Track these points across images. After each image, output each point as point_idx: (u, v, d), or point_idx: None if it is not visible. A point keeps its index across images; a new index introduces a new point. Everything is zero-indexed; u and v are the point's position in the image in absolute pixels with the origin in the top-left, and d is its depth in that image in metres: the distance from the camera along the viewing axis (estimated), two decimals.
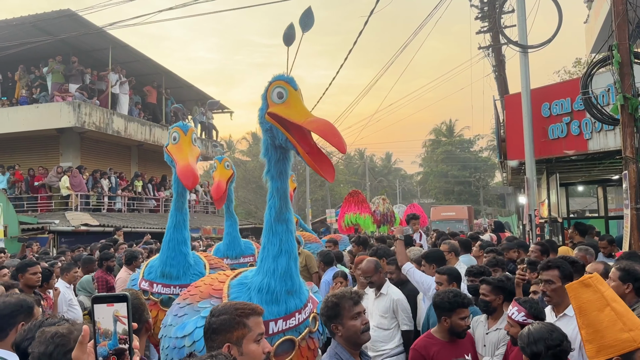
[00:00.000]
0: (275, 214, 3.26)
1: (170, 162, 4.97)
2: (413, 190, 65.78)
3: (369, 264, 4.91)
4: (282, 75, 3.22)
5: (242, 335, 2.17)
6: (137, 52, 19.80)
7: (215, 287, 3.36)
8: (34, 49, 16.65)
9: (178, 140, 4.83)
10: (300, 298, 3.30)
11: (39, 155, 18.54)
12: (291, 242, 3.27)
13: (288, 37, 3.26)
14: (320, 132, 2.98)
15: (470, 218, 33.51)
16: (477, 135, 55.22)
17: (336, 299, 2.78)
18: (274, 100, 3.17)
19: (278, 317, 3.14)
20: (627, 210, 5.99)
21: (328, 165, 3.16)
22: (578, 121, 8.78)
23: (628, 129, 5.95)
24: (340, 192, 47.82)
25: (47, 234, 14.18)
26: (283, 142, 3.17)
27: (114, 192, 18.37)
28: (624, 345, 2.17)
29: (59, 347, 1.80)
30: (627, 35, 6.05)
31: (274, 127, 3.17)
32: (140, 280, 4.93)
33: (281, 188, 3.28)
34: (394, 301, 4.68)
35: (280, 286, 3.16)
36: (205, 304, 3.23)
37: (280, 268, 3.17)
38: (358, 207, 15.20)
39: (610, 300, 2.30)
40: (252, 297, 3.16)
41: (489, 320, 4.09)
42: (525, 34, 9.68)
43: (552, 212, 11.40)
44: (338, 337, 2.76)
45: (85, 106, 17.23)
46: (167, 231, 4.91)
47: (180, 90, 23.74)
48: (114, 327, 1.30)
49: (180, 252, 4.86)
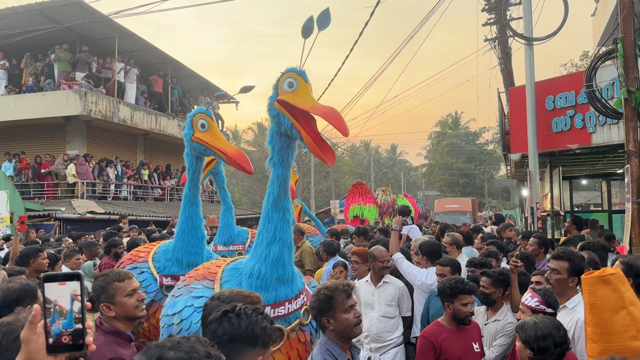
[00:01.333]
0: (273, 200, 3.32)
1: (203, 151, 4.61)
2: (418, 182, 65.72)
3: (381, 250, 4.93)
4: (295, 68, 3.34)
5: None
6: (143, 40, 19.81)
7: (211, 271, 3.44)
8: (40, 37, 16.69)
9: (208, 127, 4.50)
10: (292, 288, 3.32)
11: (46, 143, 18.64)
12: (286, 230, 3.31)
13: (307, 29, 3.34)
14: (325, 116, 3.09)
15: (474, 211, 33.46)
16: (482, 127, 55.00)
17: (329, 292, 2.69)
18: (284, 89, 3.28)
19: (266, 303, 3.17)
20: (628, 204, 6.00)
21: (329, 151, 3.26)
22: (582, 115, 8.75)
23: (631, 122, 5.94)
24: (345, 183, 47.85)
25: (53, 221, 14.31)
26: (288, 129, 3.26)
27: (119, 181, 18.49)
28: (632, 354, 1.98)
29: (7, 335, 1.77)
30: (633, 29, 6.02)
31: (281, 113, 3.27)
32: (161, 279, 4.72)
33: (282, 175, 3.34)
34: (400, 288, 4.73)
35: (270, 273, 3.20)
36: (198, 285, 3.32)
37: (273, 255, 3.22)
38: (362, 197, 15.27)
39: (629, 303, 2.10)
40: (242, 282, 3.22)
41: (488, 312, 4.15)
42: (531, 27, 9.64)
43: (555, 205, 11.41)
44: (329, 332, 2.68)
45: (91, 94, 17.30)
46: (188, 220, 4.77)
47: (187, 80, 23.77)
48: (71, 306, 1.28)
49: (202, 237, 4.88)
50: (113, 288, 2.73)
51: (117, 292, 2.72)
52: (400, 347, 4.68)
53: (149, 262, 4.89)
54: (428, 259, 5.05)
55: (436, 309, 4.58)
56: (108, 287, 2.74)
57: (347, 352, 2.70)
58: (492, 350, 3.99)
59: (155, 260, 4.91)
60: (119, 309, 2.71)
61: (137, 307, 2.76)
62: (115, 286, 2.73)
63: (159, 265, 4.83)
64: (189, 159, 4.81)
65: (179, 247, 4.81)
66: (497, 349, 3.95)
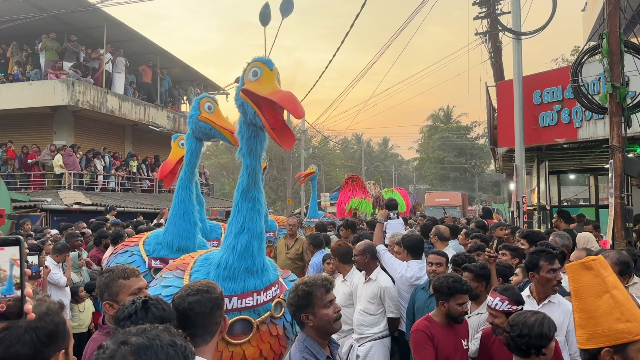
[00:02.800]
0: (242, 191, 3.31)
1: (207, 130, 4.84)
2: (409, 176, 65.91)
3: (361, 244, 4.95)
4: (261, 57, 3.31)
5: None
6: (132, 30, 19.60)
7: (185, 262, 3.46)
8: (27, 26, 16.47)
9: (214, 109, 4.84)
10: (262, 279, 3.30)
11: (33, 133, 18.45)
12: (256, 220, 3.28)
13: (264, 16, 3.34)
14: (280, 100, 3.09)
15: (464, 204, 33.70)
16: (474, 122, 55.26)
17: (308, 287, 2.58)
18: (249, 79, 3.27)
19: (233, 294, 3.16)
20: (611, 199, 6.03)
21: (289, 137, 3.26)
22: (568, 109, 8.79)
23: (615, 118, 5.96)
24: (335, 176, 47.85)
25: (39, 212, 14.18)
26: (252, 117, 3.25)
27: (107, 172, 18.36)
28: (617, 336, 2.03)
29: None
30: (618, 24, 6.03)
31: (245, 102, 3.27)
32: (149, 261, 4.85)
33: (250, 165, 3.33)
34: (382, 288, 4.71)
35: (238, 263, 3.19)
36: (168, 275, 3.34)
37: (240, 245, 3.20)
38: (362, 191, 15.24)
39: (611, 287, 2.15)
40: (210, 272, 3.22)
41: (471, 305, 4.17)
42: (519, 21, 9.64)
43: (542, 199, 11.48)
44: (308, 328, 2.58)
45: (79, 84, 17.12)
46: (181, 204, 4.87)
47: (176, 71, 23.58)
48: (10, 271, 1.24)
49: (194, 223, 4.92)
50: (117, 285, 2.56)
51: (120, 290, 2.55)
52: (376, 342, 4.68)
53: (139, 246, 5.01)
54: (409, 252, 5.07)
55: (421, 302, 4.59)
56: (112, 284, 2.57)
57: (325, 348, 2.62)
58: (474, 343, 4.01)
59: (146, 244, 5.02)
60: None
61: None
62: (119, 284, 2.56)
63: (149, 248, 4.93)
64: (189, 141, 4.96)
65: (169, 231, 4.88)
66: (478, 342, 3.98)
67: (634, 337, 2.02)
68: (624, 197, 5.90)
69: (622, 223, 5.84)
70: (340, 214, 15.19)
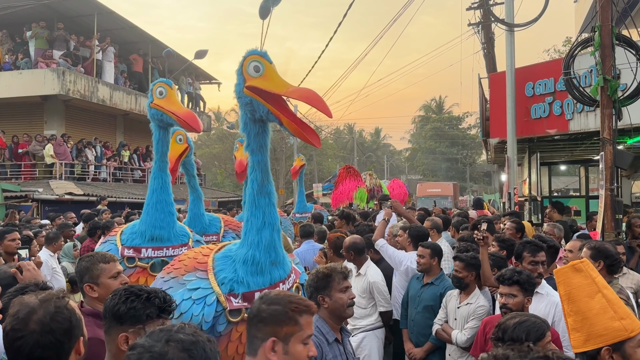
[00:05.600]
0: (258, 187, 3.29)
1: (160, 117, 4.79)
2: (401, 166, 66.04)
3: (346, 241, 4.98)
4: (256, 50, 3.22)
5: (292, 332, 1.97)
6: (123, 19, 19.41)
7: (199, 261, 3.37)
8: (17, 14, 16.27)
9: (165, 94, 4.73)
10: (284, 269, 3.34)
11: (23, 123, 18.30)
12: (274, 214, 3.30)
13: (265, 10, 3.28)
14: (305, 99, 3.01)
15: (456, 195, 33.89)
16: (466, 112, 55.37)
17: (328, 271, 2.85)
18: (251, 74, 3.17)
19: (263, 287, 3.19)
20: (602, 191, 6.10)
21: (312, 133, 3.21)
22: (560, 101, 8.84)
23: (606, 110, 6.00)
24: (328, 167, 47.85)
25: (30, 202, 14.11)
26: (264, 115, 3.18)
27: (99, 162, 18.26)
28: (614, 334, 2.05)
29: None
30: (610, 17, 6.05)
31: (254, 100, 3.17)
32: (122, 250, 4.82)
33: (262, 161, 3.30)
34: (370, 283, 4.75)
35: (264, 258, 3.20)
36: (191, 277, 3.24)
37: (265, 240, 3.21)
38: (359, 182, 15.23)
39: (602, 287, 2.18)
40: (238, 270, 3.21)
41: (461, 295, 4.23)
42: (513, 12, 9.66)
43: (533, 190, 11.57)
44: (322, 310, 2.79)
45: (69, 74, 16.97)
46: (154, 193, 4.82)
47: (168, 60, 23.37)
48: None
49: (169, 213, 4.84)
50: (98, 269, 2.75)
51: (101, 273, 2.75)
52: (369, 333, 4.73)
53: (117, 235, 5.00)
54: (412, 242, 5.10)
55: (414, 291, 4.66)
56: (93, 267, 2.76)
57: (337, 333, 2.83)
58: (464, 332, 4.08)
59: (123, 233, 5.00)
60: (102, 290, 2.72)
61: None
62: (100, 267, 2.76)
63: (124, 237, 4.90)
64: (153, 129, 4.91)
65: (143, 220, 4.86)
66: (468, 332, 4.04)
67: (630, 333, 2.04)
68: (614, 189, 5.96)
69: (612, 214, 5.89)
70: (336, 204, 15.21)
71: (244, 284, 3.18)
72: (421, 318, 4.51)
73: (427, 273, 4.60)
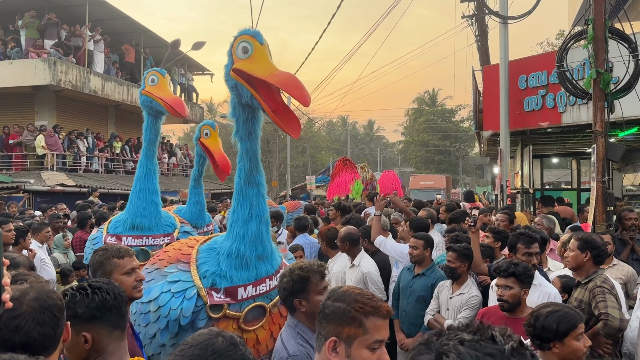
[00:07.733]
0: (245, 176, 3.16)
1: (150, 103, 4.90)
2: (394, 159, 66.12)
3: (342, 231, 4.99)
4: (248, 30, 3.06)
5: (355, 335, 1.77)
6: (114, 9, 19.22)
7: (184, 252, 3.28)
8: (7, 3, 16.10)
9: (157, 82, 4.83)
10: (272, 264, 3.23)
11: (14, 113, 18.15)
12: (262, 206, 3.16)
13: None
14: (282, 85, 2.87)
15: (448, 187, 34.00)
16: (459, 105, 55.43)
17: (304, 273, 2.52)
18: (239, 56, 3.02)
19: (248, 282, 3.08)
20: (593, 183, 6.14)
21: (294, 122, 3.06)
22: (553, 94, 8.86)
23: (599, 103, 6.03)
24: (321, 159, 47.81)
25: (22, 193, 14.02)
26: (249, 100, 3.03)
27: (90, 153, 18.15)
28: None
29: None
30: (604, 10, 6.07)
31: (238, 83, 3.03)
32: (105, 237, 4.84)
33: (251, 149, 3.16)
34: (364, 274, 4.76)
35: (250, 251, 3.08)
36: (172, 269, 3.16)
37: (251, 232, 3.08)
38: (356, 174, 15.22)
39: None
40: (221, 262, 3.09)
41: (454, 286, 4.26)
42: (506, 5, 9.67)
43: (525, 183, 11.64)
44: (299, 313, 2.51)
45: (61, 64, 16.81)
46: (137, 181, 4.84)
47: (159, 50, 23.16)
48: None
49: (152, 201, 4.83)
50: (111, 264, 2.57)
51: (115, 269, 2.56)
52: None
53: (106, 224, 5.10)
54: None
55: (405, 282, 4.68)
56: (106, 262, 2.58)
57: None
58: (457, 322, 4.10)
59: (111, 222, 5.07)
60: None
61: (135, 288, 2.58)
62: (113, 262, 2.57)
63: (110, 225, 4.98)
64: (145, 116, 5.02)
65: (127, 208, 4.93)
66: (462, 322, 4.06)
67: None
68: (605, 182, 6.01)
69: (603, 206, 5.94)
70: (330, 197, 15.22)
71: (227, 278, 3.05)
72: (413, 309, 4.53)
73: (419, 264, 4.63)
